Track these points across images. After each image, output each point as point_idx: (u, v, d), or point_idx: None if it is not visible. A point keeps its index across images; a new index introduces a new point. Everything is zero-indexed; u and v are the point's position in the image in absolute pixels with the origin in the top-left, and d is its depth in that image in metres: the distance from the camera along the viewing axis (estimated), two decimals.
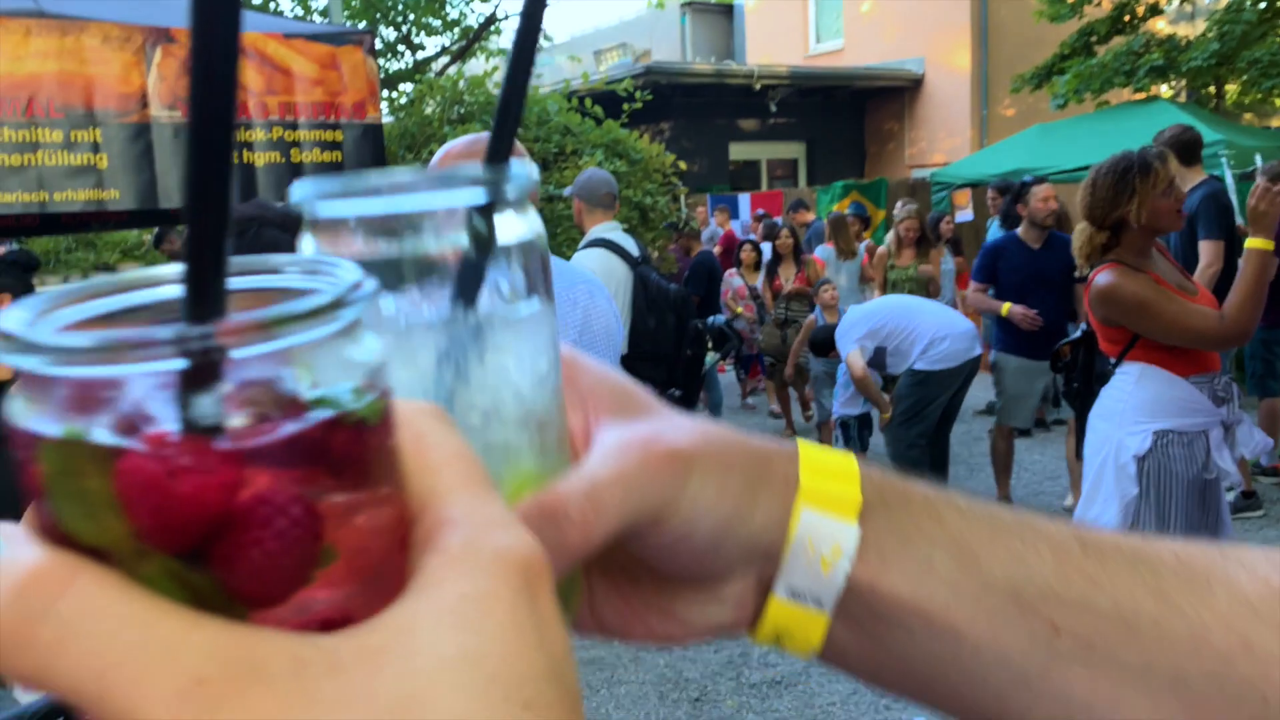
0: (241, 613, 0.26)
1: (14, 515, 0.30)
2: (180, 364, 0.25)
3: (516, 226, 0.42)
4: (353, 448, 0.28)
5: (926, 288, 7.28)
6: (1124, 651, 0.45)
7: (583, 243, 4.41)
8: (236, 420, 0.26)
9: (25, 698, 2.19)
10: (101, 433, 0.25)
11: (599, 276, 3.16)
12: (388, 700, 0.25)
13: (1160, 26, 14.03)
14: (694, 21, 22.71)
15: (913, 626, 0.45)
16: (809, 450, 0.47)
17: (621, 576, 0.49)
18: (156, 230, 8.81)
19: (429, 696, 0.25)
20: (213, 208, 0.26)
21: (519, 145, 3.01)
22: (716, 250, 10.09)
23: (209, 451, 0.25)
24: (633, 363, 4.18)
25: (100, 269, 10.37)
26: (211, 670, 0.24)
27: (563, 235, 7.30)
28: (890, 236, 7.79)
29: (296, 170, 4.64)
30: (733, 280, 8.81)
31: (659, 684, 4.23)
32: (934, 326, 5.70)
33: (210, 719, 0.23)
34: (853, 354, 5.89)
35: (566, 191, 4.52)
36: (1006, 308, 5.73)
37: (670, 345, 4.70)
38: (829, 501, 0.45)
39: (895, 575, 0.45)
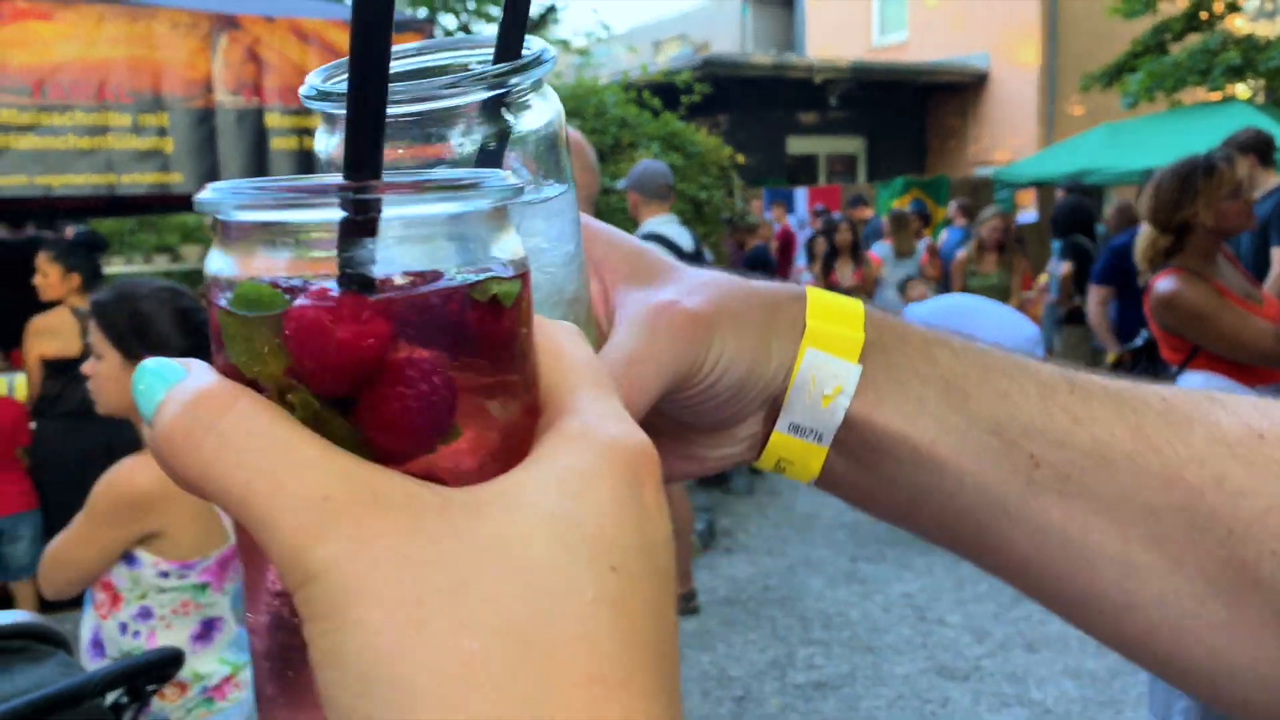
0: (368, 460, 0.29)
1: (74, 483, 0.32)
2: (341, 214, 0.28)
3: (534, 113, 0.44)
4: (486, 326, 0.30)
5: (1006, 297, 7.03)
6: (1099, 484, 0.47)
7: (636, 236, 4.39)
8: (388, 280, 0.29)
9: (91, 665, 2.24)
10: (273, 278, 0.29)
11: None
12: (484, 541, 0.27)
13: (1238, 24, 13.61)
14: (755, 13, 22.54)
15: (902, 457, 0.49)
16: (816, 294, 0.51)
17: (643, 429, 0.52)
18: None
19: (522, 544, 0.27)
20: (374, 73, 0.29)
21: (576, 134, 2.98)
22: (774, 245, 9.99)
23: (364, 305, 0.28)
24: None
25: (162, 251, 10.62)
26: (337, 490, 0.27)
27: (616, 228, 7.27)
28: (944, 233, 7.58)
29: None
30: (801, 278, 8.62)
31: (702, 681, 4.21)
32: (993, 331, 5.59)
33: (326, 529, 0.26)
34: None
35: (621, 184, 4.49)
36: (1113, 357, 5.41)
37: None
38: (832, 343, 0.49)
39: (889, 410, 0.48)
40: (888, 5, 19.48)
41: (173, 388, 0.29)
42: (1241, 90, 13.11)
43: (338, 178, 0.29)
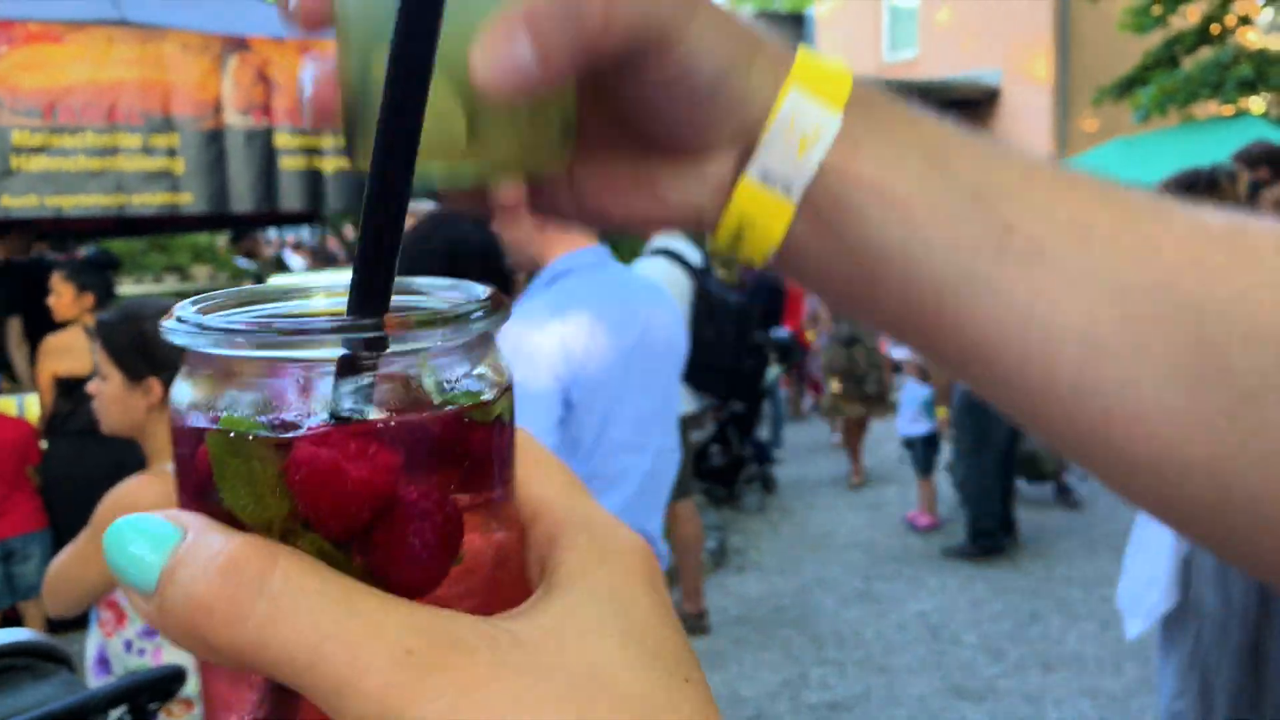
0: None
1: (85, 502, 0.31)
2: (341, 353, 0.27)
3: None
4: (488, 444, 0.30)
5: None
6: (1073, 257, 0.45)
7: (645, 251, 4.39)
8: (385, 413, 0.28)
9: (96, 683, 2.23)
10: (267, 420, 0.27)
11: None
12: (575, 670, 0.27)
13: (1250, 38, 13.57)
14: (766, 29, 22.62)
15: (871, 214, 0.46)
16: (806, 48, 0.48)
17: (605, 151, 0.49)
18: (232, 232, 9.01)
19: (610, 668, 0.27)
20: (391, 208, 0.29)
21: None
22: None
23: (371, 440, 0.27)
24: (691, 374, 4.12)
25: (172, 271, 10.69)
26: (416, 642, 0.26)
27: (625, 245, 7.30)
28: None
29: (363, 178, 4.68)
30: (812, 304, 8.48)
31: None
32: None
33: (422, 684, 0.25)
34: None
35: None
36: None
37: (730, 357, 4.66)
38: (818, 86, 0.46)
39: (865, 162, 0.46)
40: (898, 22, 19.52)
41: (182, 551, 0.26)
42: (1255, 104, 13.06)
43: (331, 316, 0.29)
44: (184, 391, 0.29)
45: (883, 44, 19.89)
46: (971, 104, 17.70)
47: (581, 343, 2.29)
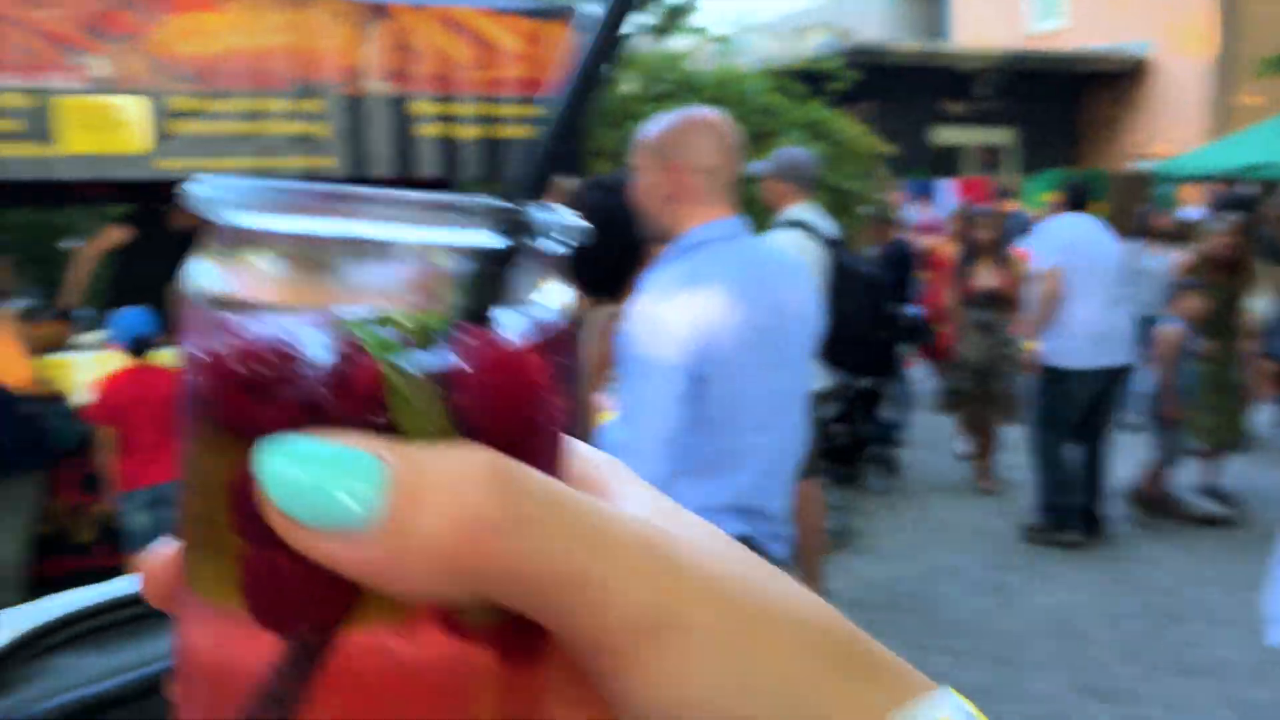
0: None
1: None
2: (496, 241, 0.25)
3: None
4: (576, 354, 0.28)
5: (1234, 308, 6.07)
6: None
7: (778, 222, 4.31)
8: (515, 317, 0.25)
9: None
10: (430, 323, 0.24)
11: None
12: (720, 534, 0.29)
13: None
14: (901, 0, 21.94)
15: None
16: None
17: None
18: None
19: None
20: (571, 135, 0.28)
21: (712, 113, 2.90)
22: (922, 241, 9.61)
23: (532, 349, 0.25)
24: (824, 347, 4.03)
25: None
26: (640, 527, 0.26)
27: (758, 218, 7.21)
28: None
29: (497, 146, 4.74)
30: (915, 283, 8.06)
31: None
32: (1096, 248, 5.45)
33: (676, 561, 0.26)
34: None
35: (762, 169, 4.38)
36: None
37: (864, 328, 4.57)
38: None
39: None
40: None
41: (415, 472, 0.23)
42: None
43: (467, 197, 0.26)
44: (256, 280, 0.25)
45: (1025, 14, 19.03)
46: (1117, 76, 16.80)
47: (713, 317, 2.25)
